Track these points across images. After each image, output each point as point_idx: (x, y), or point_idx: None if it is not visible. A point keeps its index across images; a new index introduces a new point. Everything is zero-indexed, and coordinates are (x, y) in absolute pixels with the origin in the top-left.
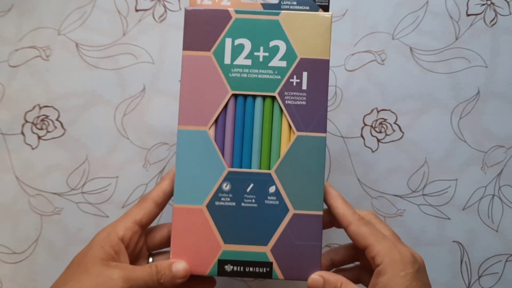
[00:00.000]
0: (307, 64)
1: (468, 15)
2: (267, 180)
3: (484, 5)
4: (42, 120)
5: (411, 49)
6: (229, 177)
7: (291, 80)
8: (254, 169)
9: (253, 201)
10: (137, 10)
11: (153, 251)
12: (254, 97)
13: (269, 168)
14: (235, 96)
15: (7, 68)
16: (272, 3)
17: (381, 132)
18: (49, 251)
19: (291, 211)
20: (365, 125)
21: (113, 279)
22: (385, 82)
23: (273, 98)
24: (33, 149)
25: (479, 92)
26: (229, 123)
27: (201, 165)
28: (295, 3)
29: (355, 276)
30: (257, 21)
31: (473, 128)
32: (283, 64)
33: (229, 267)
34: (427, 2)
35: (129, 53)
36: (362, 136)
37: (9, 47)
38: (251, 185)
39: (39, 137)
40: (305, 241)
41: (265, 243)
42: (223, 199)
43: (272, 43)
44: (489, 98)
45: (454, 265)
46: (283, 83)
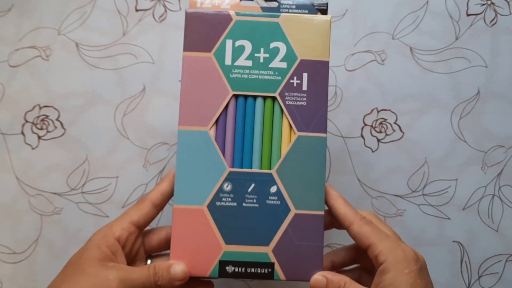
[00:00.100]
0: (307, 65)
1: (468, 15)
2: (269, 180)
3: (484, 5)
4: (42, 120)
5: (411, 49)
6: (230, 177)
7: (291, 81)
8: (255, 169)
9: (255, 201)
10: (137, 10)
11: (151, 254)
12: (254, 97)
13: (270, 168)
14: (236, 96)
15: (7, 68)
16: (271, 7)
17: (381, 132)
18: (49, 251)
19: (293, 211)
20: (365, 125)
21: (109, 279)
22: (385, 82)
23: (274, 98)
24: (33, 149)
25: (479, 92)
26: (230, 123)
27: (201, 165)
28: (294, 7)
29: (356, 277)
30: (258, 23)
31: (473, 128)
32: (284, 65)
33: (230, 268)
34: (427, 2)
35: (129, 53)
36: (362, 136)
37: (9, 47)
38: (252, 185)
39: (39, 137)
40: (306, 241)
41: (266, 244)
42: (224, 199)
43: (272, 45)
44: (489, 98)
45: (454, 265)
46: (283, 83)
